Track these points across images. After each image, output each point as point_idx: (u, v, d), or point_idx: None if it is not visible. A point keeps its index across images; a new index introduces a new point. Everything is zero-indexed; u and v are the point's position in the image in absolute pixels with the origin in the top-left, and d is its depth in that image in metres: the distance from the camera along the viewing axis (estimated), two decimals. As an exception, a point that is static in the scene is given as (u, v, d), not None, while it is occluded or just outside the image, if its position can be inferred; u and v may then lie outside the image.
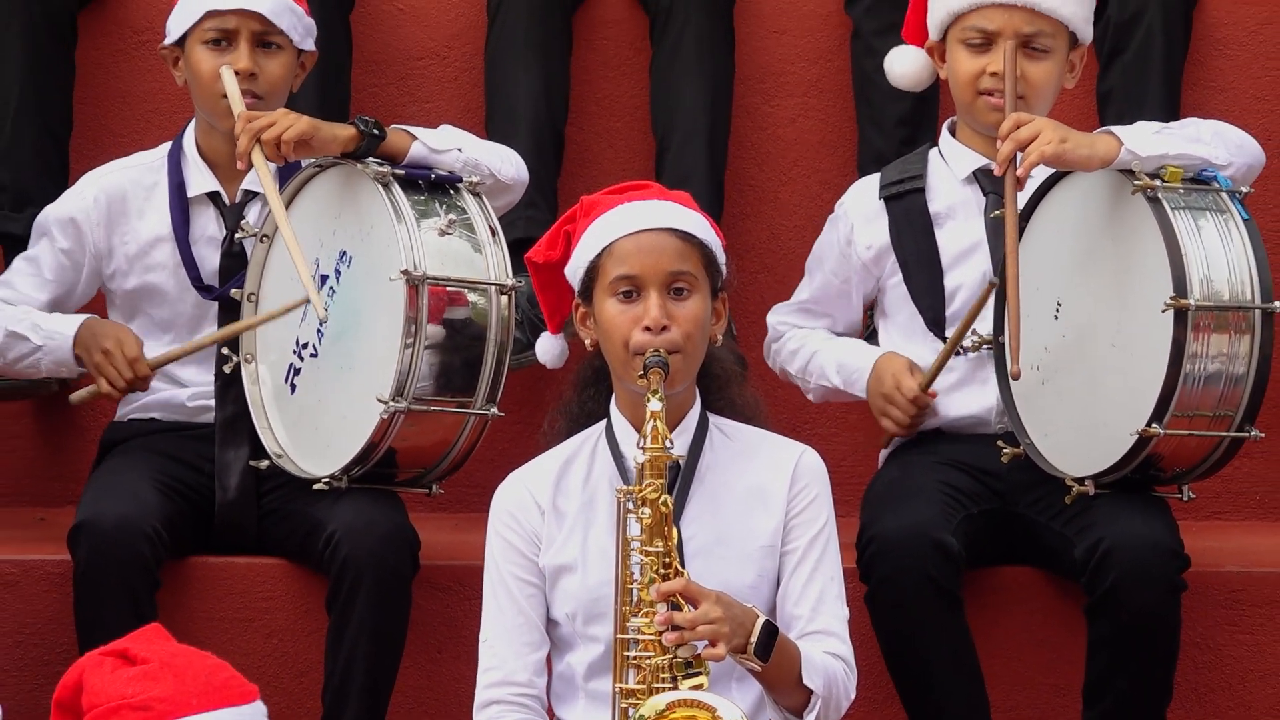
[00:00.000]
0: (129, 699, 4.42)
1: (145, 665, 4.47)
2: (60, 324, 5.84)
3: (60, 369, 5.86)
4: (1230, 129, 5.74)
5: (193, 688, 4.45)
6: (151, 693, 4.43)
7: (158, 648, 4.52)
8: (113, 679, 4.46)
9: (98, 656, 4.52)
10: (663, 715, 4.86)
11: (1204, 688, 5.75)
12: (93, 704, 4.46)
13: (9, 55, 6.38)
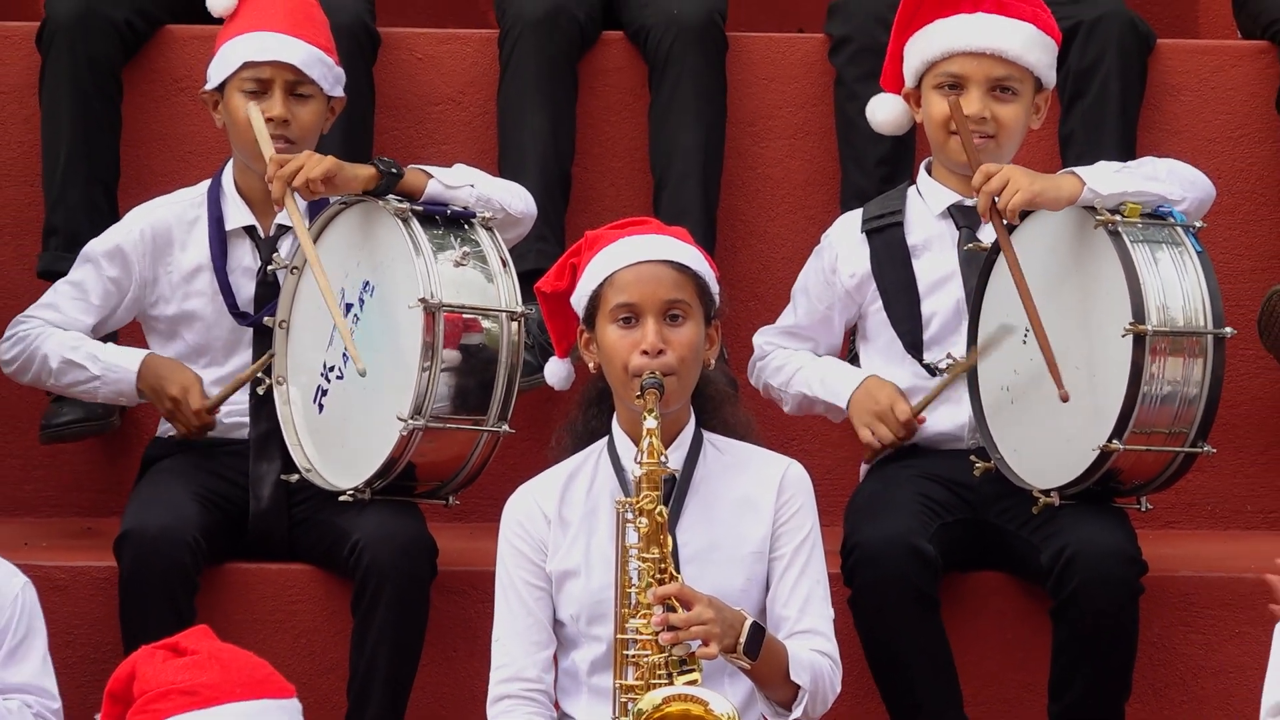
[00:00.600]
0: (177, 684, 4.45)
1: (194, 656, 4.50)
2: (121, 358, 5.84)
3: (119, 398, 5.86)
4: (1184, 167, 5.75)
5: (236, 678, 4.48)
6: (199, 680, 4.46)
7: (205, 643, 4.55)
8: (163, 668, 4.49)
9: (150, 650, 4.55)
10: (659, 709, 4.87)
11: (1160, 684, 5.75)
12: (144, 690, 4.49)
13: (59, 110, 6.37)
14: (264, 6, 5.84)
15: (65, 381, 5.87)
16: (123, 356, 5.84)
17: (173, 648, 4.54)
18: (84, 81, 6.37)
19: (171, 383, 5.78)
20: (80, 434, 6.18)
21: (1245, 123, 6.66)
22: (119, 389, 5.83)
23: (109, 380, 5.83)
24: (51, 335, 5.88)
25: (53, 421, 6.17)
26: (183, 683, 4.46)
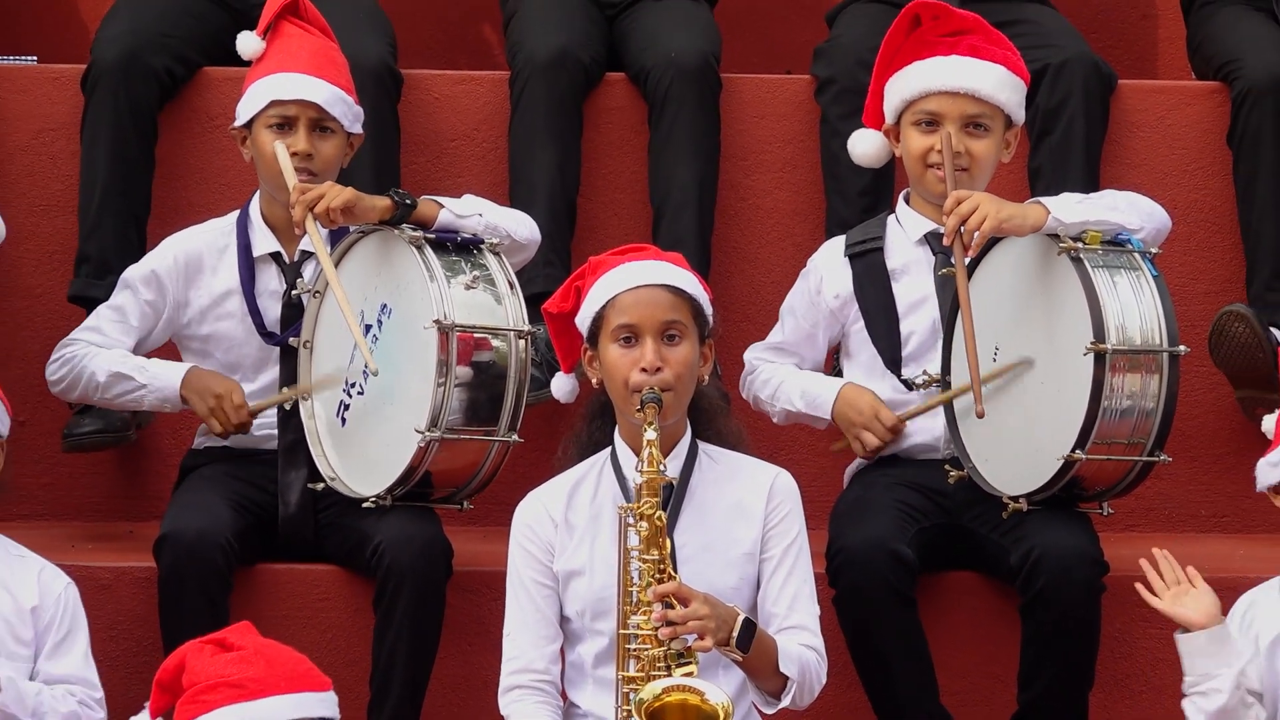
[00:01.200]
0: (226, 678, 4.48)
1: (241, 651, 4.54)
2: (165, 370, 5.83)
3: (163, 406, 5.85)
4: (1142, 199, 5.76)
5: (280, 672, 4.52)
6: (246, 673, 4.49)
7: (250, 639, 4.59)
8: (212, 662, 4.52)
9: (198, 644, 4.58)
10: (659, 698, 4.89)
11: (1120, 675, 5.75)
12: (193, 682, 4.52)
13: (98, 148, 6.36)
14: (290, 50, 5.84)
15: (113, 393, 5.86)
16: (167, 368, 5.84)
17: (220, 643, 4.57)
18: (123, 123, 6.36)
19: (217, 383, 5.79)
20: (100, 444, 6.18)
21: (1199, 157, 6.67)
22: (163, 395, 5.82)
23: (154, 388, 5.82)
24: (97, 354, 5.87)
25: (74, 431, 6.16)
26: (231, 676, 4.50)
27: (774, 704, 5.15)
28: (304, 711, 4.50)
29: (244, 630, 4.63)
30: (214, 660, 4.54)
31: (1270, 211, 6.52)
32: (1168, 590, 5.09)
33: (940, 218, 5.68)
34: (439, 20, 7.20)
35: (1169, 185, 6.41)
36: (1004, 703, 5.65)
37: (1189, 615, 5.08)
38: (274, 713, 4.48)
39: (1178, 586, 5.08)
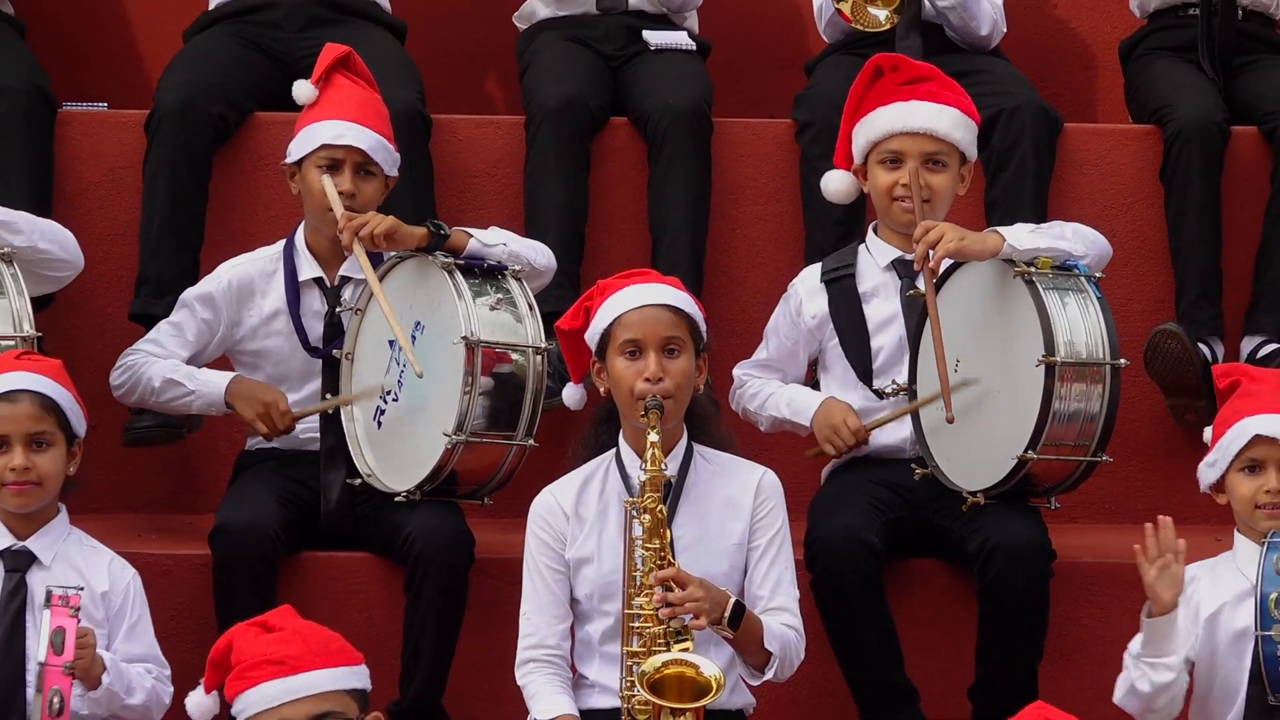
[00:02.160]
0: (268, 656, 4.48)
1: (281, 632, 4.54)
2: (213, 378, 5.83)
3: (210, 410, 5.84)
4: (1086, 229, 5.76)
5: (316, 650, 4.51)
6: (286, 652, 4.49)
7: (290, 621, 4.59)
8: (256, 642, 4.52)
9: (244, 626, 4.58)
10: (659, 671, 4.92)
11: (1066, 650, 5.74)
12: (239, 660, 4.51)
13: (157, 185, 6.35)
14: (341, 100, 5.84)
15: (165, 398, 5.85)
16: (214, 376, 5.84)
17: (263, 625, 4.57)
18: (179, 163, 6.35)
19: (264, 392, 5.79)
20: (155, 438, 6.16)
21: (1136, 192, 6.66)
22: (210, 400, 5.82)
23: (201, 394, 5.82)
24: (155, 363, 5.86)
25: (134, 425, 6.15)
26: (272, 654, 4.49)
27: (759, 676, 5.18)
28: (338, 684, 4.48)
29: (284, 613, 4.63)
30: (257, 640, 4.53)
31: (1197, 240, 6.53)
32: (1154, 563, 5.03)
33: (906, 246, 5.69)
34: (463, 70, 7.18)
35: (1109, 217, 6.41)
36: (962, 675, 5.64)
37: (1164, 596, 5.04)
38: (311, 685, 4.46)
39: (1161, 560, 5.03)
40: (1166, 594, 5.04)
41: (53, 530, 5.27)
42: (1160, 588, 5.04)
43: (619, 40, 6.74)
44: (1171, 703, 5.12)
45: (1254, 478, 5.18)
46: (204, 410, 5.88)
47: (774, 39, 7.24)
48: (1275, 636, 4.96)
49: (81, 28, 7.21)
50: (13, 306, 5.53)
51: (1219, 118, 6.59)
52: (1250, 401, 5.24)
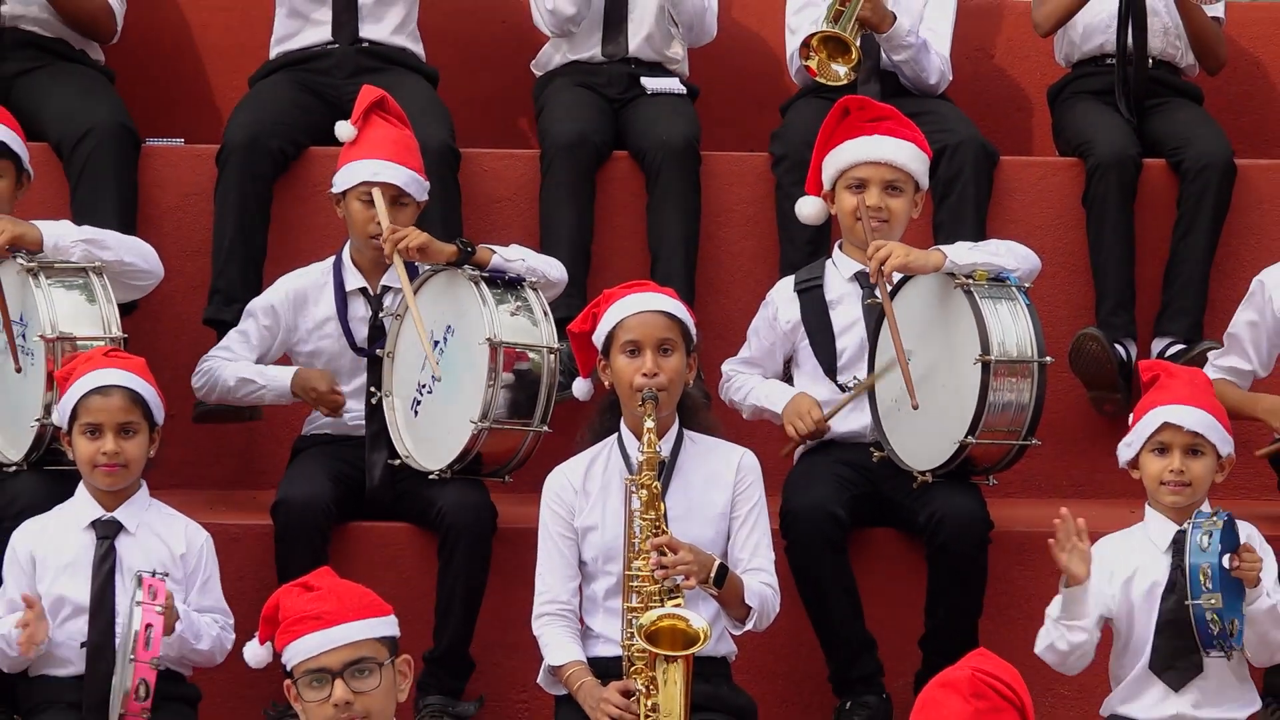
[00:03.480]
0: (308, 612, 4.44)
1: (319, 591, 4.50)
2: (279, 373, 5.84)
3: (280, 400, 5.84)
4: (1018, 246, 5.78)
5: (349, 605, 4.46)
6: (323, 608, 4.45)
7: (327, 581, 4.56)
8: (298, 600, 4.50)
9: (289, 587, 4.57)
10: (655, 623, 4.93)
11: (1002, 606, 5.72)
12: (285, 615, 4.49)
13: (227, 209, 6.34)
14: (377, 139, 5.83)
15: (241, 393, 5.86)
16: (280, 371, 5.86)
17: (304, 585, 4.54)
18: (246, 190, 6.35)
19: (319, 380, 5.79)
20: (221, 416, 6.13)
21: (1062, 215, 6.66)
22: (279, 391, 5.82)
23: (272, 387, 5.83)
24: (227, 366, 5.87)
25: (202, 404, 6.10)
26: (312, 610, 4.45)
27: (740, 627, 5.20)
28: (369, 633, 4.42)
29: (323, 574, 4.60)
30: (299, 599, 4.50)
31: (1114, 257, 6.52)
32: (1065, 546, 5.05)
33: (866, 260, 5.67)
34: (487, 111, 7.16)
35: (1039, 236, 6.40)
36: (913, 628, 5.65)
37: (1076, 571, 5.05)
38: (345, 636, 4.40)
39: (1070, 542, 5.05)
40: (1079, 570, 5.06)
41: (136, 502, 5.28)
42: (1073, 566, 5.06)
43: (620, 85, 6.73)
44: (1083, 657, 5.14)
45: (1162, 459, 5.18)
46: (274, 401, 5.88)
47: (753, 84, 7.22)
48: (1204, 604, 4.93)
49: (162, 75, 7.20)
50: (102, 312, 5.54)
51: (1133, 152, 6.60)
52: (1164, 393, 5.23)
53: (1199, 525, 4.98)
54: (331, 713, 4.34)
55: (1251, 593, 5.00)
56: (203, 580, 5.25)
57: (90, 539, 5.22)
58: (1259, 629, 5.03)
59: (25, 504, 5.40)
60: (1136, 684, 5.15)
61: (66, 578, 5.18)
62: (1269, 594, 5.02)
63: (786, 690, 5.74)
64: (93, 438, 5.22)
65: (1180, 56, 6.85)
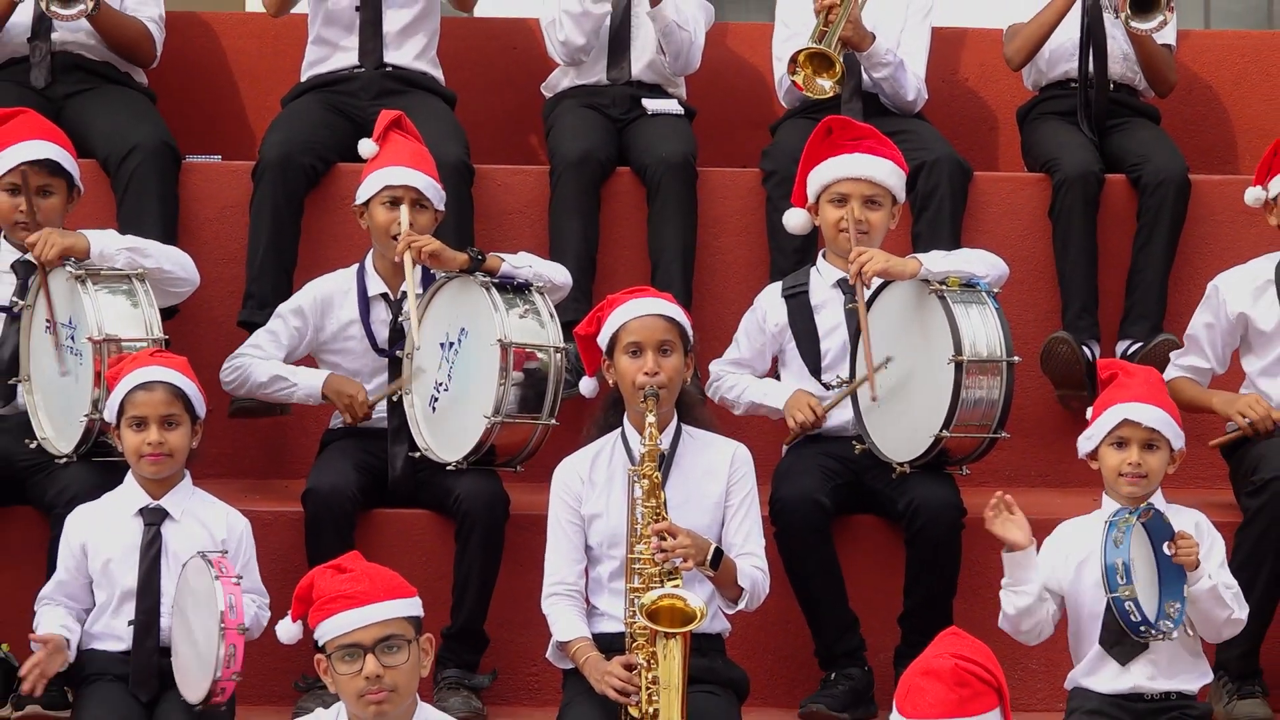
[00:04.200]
0: (341, 592, 4.46)
1: (351, 573, 4.51)
2: (309, 374, 5.83)
3: (308, 399, 5.84)
4: (988, 255, 5.77)
5: (378, 586, 4.47)
6: (355, 588, 4.46)
7: (358, 564, 4.57)
8: (331, 581, 4.51)
9: (322, 569, 4.57)
10: (656, 602, 4.94)
11: (975, 586, 5.70)
12: (319, 595, 4.51)
13: (261, 221, 6.33)
14: (397, 151, 5.84)
15: (270, 389, 5.85)
16: (311, 373, 5.85)
17: (337, 567, 4.56)
18: (279, 203, 6.34)
19: (349, 387, 5.79)
20: (255, 411, 6.11)
21: (1029, 226, 6.64)
22: (309, 392, 5.82)
23: (302, 387, 5.82)
24: (259, 363, 5.87)
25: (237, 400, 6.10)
26: (344, 591, 4.47)
27: (733, 607, 5.21)
28: (396, 613, 4.44)
29: (353, 557, 4.61)
30: (333, 580, 4.51)
31: (1078, 265, 6.52)
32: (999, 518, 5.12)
33: (848, 268, 5.68)
34: (500, 130, 7.16)
35: (1009, 246, 6.38)
36: (892, 606, 5.64)
37: (1013, 537, 5.10)
38: (374, 615, 4.42)
39: (1002, 515, 5.11)
40: (1016, 536, 5.10)
41: (180, 491, 5.29)
42: (1009, 534, 5.11)
43: (623, 106, 6.73)
44: (1036, 626, 5.16)
45: (1120, 452, 5.18)
46: (303, 400, 5.87)
47: (745, 106, 7.21)
48: (1121, 596, 4.95)
49: (201, 96, 7.20)
50: (145, 315, 5.55)
51: (1096, 168, 6.59)
52: (1122, 391, 5.22)
53: (1115, 524, 5.00)
54: (363, 684, 4.37)
55: (1192, 575, 5.01)
56: (242, 564, 5.25)
57: (138, 525, 5.22)
58: (1202, 608, 5.05)
59: (74, 493, 5.41)
60: (1096, 659, 5.16)
61: (116, 560, 5.20)
62: (1210, 576, 5.03)
63: (776, 664, 5.73)
64: (139, 430, 5.22)
65: (1138, 80, 6.85)
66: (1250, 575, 5.43)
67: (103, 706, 5.12)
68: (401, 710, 4.47)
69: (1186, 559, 5.00)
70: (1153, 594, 4.96)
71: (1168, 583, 4.97)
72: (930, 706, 4.09)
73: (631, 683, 4.98)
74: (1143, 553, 4.98)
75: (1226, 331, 5.90)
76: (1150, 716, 5.11)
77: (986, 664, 4.20)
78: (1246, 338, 5.91)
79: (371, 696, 4.41)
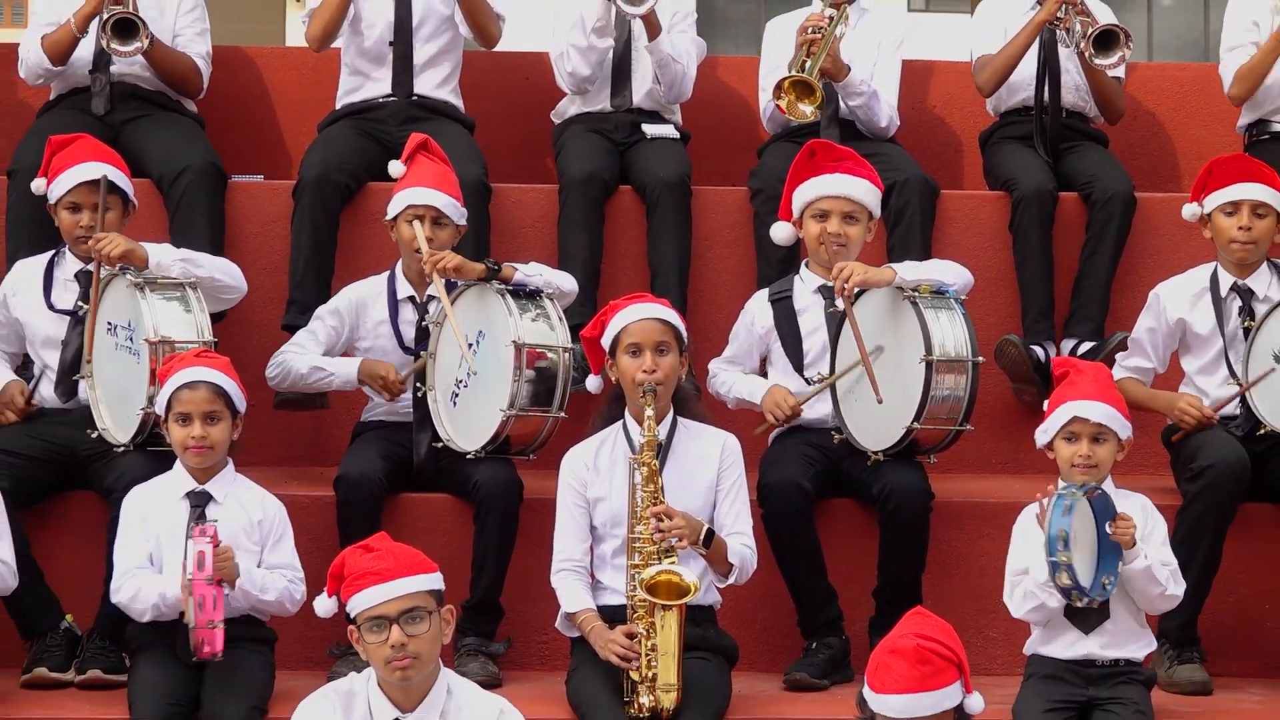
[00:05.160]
0: (369, 569, 4.49)
1: (378, 552, 4.54)
2: (344, 363, 5.83)
3: (346, 386, 5.82)
4: (956, 265, 5.79)
5: (404, 563, 4.51)
6: (382, 566, 4.50)
7: (385, 544, 4.60)
8: (360, 560, 4.54)
9: (352, 548, 4.61)
10: (654, 577, 4.96)
11: (943, 563, 5.72)
12: (350, 572, 4.53)
13: (301, 235, 6.33)
14: (422, 173, 5.85)
15: (311, 380, 5.85)
16: (346, 362, 5.85)
17: (365, 546, 4.59)
18: (317, 218, 6.34)
19: (380, 367, 5.77)
20: (299, 405, 6.10)
21: (991, 239, 6.62)
22: (345, 379, 5.81)
23: (340, 374, 5.81)
24: (299, 358, 5.87)
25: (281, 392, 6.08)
26: (372, 568, 4.50)
27: (724, 581, 5.21)
28: (420, 587, 4.48)
29: (381, 537, 4.64)
30: (362, 558, 4.54)
31: (1036, 274, 6.51)
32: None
33: (828, 276, 5.69)
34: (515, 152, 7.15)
35: (973, 256, 6.36)
36: (868, 581, 5.63)
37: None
38: (400, 589, 4.45)
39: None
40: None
41: (223, 477, 5.30)
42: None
43: (625, 131, 6.72)
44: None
45: (1072, 445, 5.17)
46: (340, 387, 5.86)
47: (735, 131, 7.21)
48: (1059, 561, 4.94)
49: (245, 122, 7.19)
50: (196, 319, 5.56)
51: (1050, 187, 6.59)
52: (1073, 389, 5.22)
53: (1063, 495, 5.00)
54: (389, 652, 4.42)
55: (1129, 554, 5.01)
56: (275, 540, 5.26)
57: (185, 507, 5.24)
58: (1138, 584, 5.05)
59: (131, 478, 5.41)
60: (1053, 629, 5.15)
61: (165, 538, 5.20)
62: (1146, 556, 5.04)
63: (763, 633, 5.72)
64: (184, 424, 5.24)
65: (1088, 108, 6.84)
66: (1189, 552, 5.45)
67: (154, 670, 5.12)
68: (425, 675, 4.50)
69: (1124, 538, 5.00)
70: (1091, 565, 4.97)
71: (1105, 558, 4.97)
72: (896, 682, 4.21)
73: (632, 650, 4.99)
74: (1086, 527, 4.98)
75: (1167, 335, 5.91)
76: (1101, 680, 5.12)
77: (947, 641, 4.29)
78: (1185, 340, 5.92)
79: (397, 663, 4.45)
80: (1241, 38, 6.73)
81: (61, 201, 5.78)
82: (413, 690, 4.51)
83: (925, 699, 4.23)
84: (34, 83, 6.63)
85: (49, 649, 5.43)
